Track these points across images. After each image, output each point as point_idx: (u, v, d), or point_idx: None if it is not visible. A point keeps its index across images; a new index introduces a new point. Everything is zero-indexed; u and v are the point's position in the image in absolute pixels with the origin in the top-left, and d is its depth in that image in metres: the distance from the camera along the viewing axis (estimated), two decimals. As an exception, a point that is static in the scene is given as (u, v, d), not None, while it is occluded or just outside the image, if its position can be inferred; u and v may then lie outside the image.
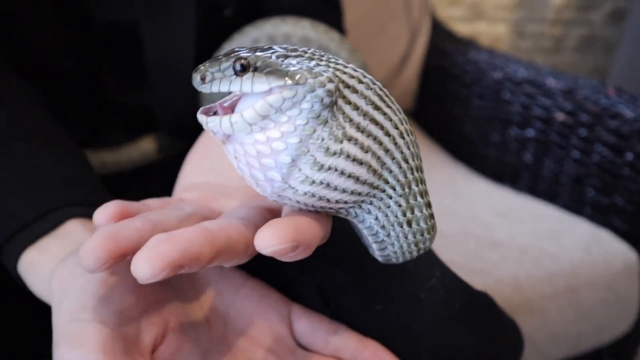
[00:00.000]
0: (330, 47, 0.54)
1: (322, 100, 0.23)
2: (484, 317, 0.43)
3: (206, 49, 0.58)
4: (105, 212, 0.26)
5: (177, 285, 0.31)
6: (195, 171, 0.38)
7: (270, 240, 0.22)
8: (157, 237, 0.22)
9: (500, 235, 0.81)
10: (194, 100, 0.59)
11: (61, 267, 0.28)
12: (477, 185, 1.01)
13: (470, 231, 0.82)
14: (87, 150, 0.60)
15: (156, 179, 0.50)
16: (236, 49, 0.25)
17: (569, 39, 1.97)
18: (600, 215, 0.87)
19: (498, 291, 0.71)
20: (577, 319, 0.75)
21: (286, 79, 0.23)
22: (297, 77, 0.22)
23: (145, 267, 0.21)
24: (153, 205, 0.30)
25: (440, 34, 1.34)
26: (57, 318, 0.26)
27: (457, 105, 1.18)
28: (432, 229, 0.29)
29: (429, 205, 0.28)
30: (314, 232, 0.25)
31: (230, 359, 0.30)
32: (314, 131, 0.23)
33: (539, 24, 1.91)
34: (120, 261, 0.23)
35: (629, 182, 0.82)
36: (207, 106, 0.25)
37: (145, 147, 0.65)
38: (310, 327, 0.33)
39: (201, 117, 0.24)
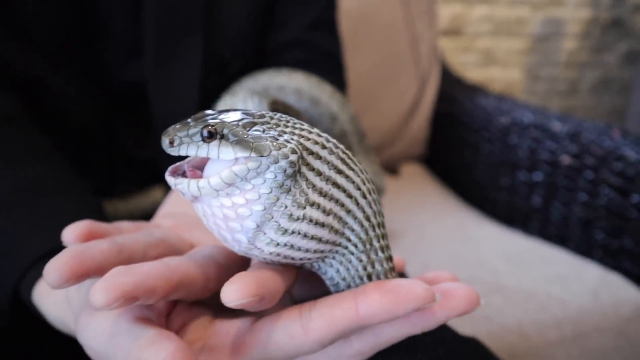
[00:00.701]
0: (321, 99, 0.57)
1: (285, 171, 0.24)
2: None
3: (209, 100, 0.62)
4: (74, 230, 0.28)
5: None
6: (177, 202, 0.41)
7: (236, 295, 0.24)
8: (116, 269, 0.24)
9: (507, 280, 0.80)
10: None
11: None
12: (487, 230, 1.01)
13: (477, 276, 0.82)
14: (102, 199, 0.65)
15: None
16: (206, 112, 0.27)
17: (584, 81, 1.98)
18: (610, 258, 0.86)
19: (502, 337, 0.70)
20: (588, 367, 0.73)
21: (251, 151, 0.24)
22: (262, 149, 0.24)
23: (101, 296, 0.23)
24: (126, 227, 0.32)
25: (449, 80, 1.37)
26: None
27: (467, 150, 1.20)
28: None
29: (389, 259, 0.29)
30: (277, 285, 0.26)
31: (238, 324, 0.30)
32: (278, 199, 0.24)
33: (553, 67, 1.93)
34: (83, 279, 0.25)
35: (637, 224, 0.81)
36: (176, 165, 0.27)
37: (155, 196, 0.69)
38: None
39: (169, 179, 0.26)
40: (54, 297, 0.38)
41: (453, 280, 0.30)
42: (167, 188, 0.68)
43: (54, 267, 0.24)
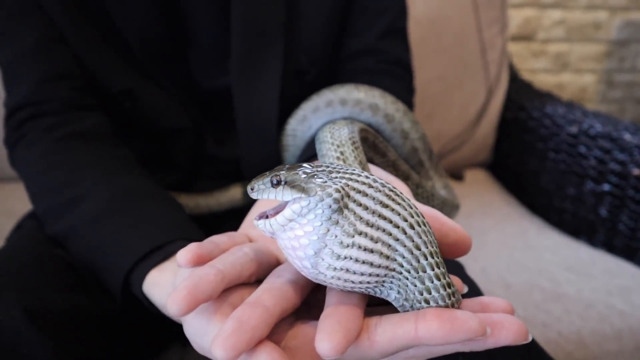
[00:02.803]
0: (395, 117, 0.61)
1: (330, 206, 0.30)
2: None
3: (287, 107, 0.68)
4: (186, 255, 0.35)
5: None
6: (262, 209, 0.47)
7: (332, 353, 0.28)
8: (230, 326, 0.29)
9: (567, 289, 0.81)
10: (276, 153, 0.68)
11: None
12: (550, 239, 1.02)
13: (537, 284, 0.83)
14: (184, 193, 0.72)
15: (241, 222, 0.59)
16: (280, 167, 0.34)
17: (663, 88, 1.89)
18: (678, 274, 0.85)
19: (560, 345, 0.72)
20: (648, 380, 0.73)
21: (302, 192, 0.31)
22: (309, 190, 0.31)
23: (221, 354, 0.28)
24: (221, 243, 0.38)
25: (518, 86, 1.36)
26: None
27: (534, 158, 1.20)
28: (452, 305, 0.32)
29: (447, 285, 0.32)
30: (358, 325, 0.31)
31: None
32: (328, 230, 0.30)
33: (631, 73, 1.87)
34: (196, 307, 0.32)
35: None
36: (262, 212, 0.34)
37: (234, 194, 0.75)
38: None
39: (255, 221, 0.33)
40: (162, 287, 0.46)
41: (507, 311, 0.33)
42: (245, 186, 0.74)
43: (174, 302, 0.31)
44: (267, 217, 0.33)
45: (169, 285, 0.46)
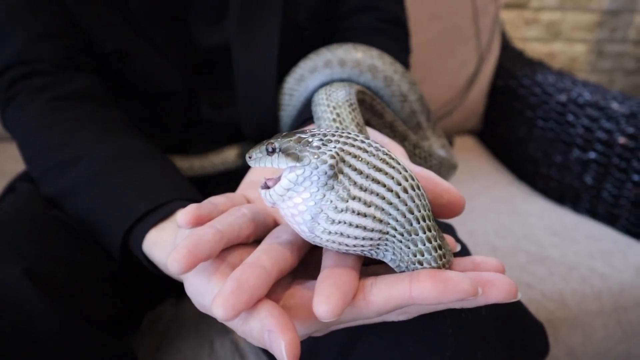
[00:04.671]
0: (394, 79, 0.61)
1: (325, 172, 0.31)
2: (509, 317, 0.47)
3: (285, 64, 0.67)
4: (185, 216, 0.36)
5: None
6: (261, 170, 0.48)
7: (329, 315, 0.29)
8: (230, 286, 0.30)
9: (551, 252, 0.84)
10: (275, 111, 0.68)
11: None
12: (535, 205, 1.04)
13: (522, 247, 0.86)
14: (178, 155, 0.72)
15: (236, 183, 0.60)
16: (277, 135, 0.34)
17: (653, 59, 1.91)
18: (658, 239, 0.87)
19: (542, 304, 0.74)
20: (624, 338, 0.76)
21: (297, 160, 0.32)
22: (304, 158, 0.31)
23: (220, 312, 0.29)
24: (220, 204, 0.39)
25: (510, 54, 1.37)
26: None
27: (523, 125, 1.21)
28: (444, 267, 0.33)
29: (438, 247, 0.33)
30: (354, 287, 0.32)
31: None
32: (324, 195, 0.31)
33: (621, 44, 1.87)
34: (196, 266, 0.32)
35: (688, 207, 0.82)
36: (265, 180, 0.34)
37: (228, 155, 0.75)
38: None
39: (259, 190, 0.34)
40: (162, 246, 0.47)
41: (498, 270, 0.34)
42: (241, 148, 0.75)
43: (175, 261, 0.32)
44: (268, 187, 0.34)
45: (169, 244, 0.46)
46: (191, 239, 0.33)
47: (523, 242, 0.87)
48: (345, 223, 0.31)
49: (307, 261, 0.38)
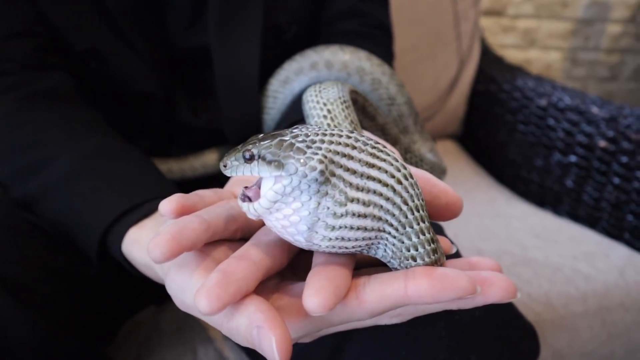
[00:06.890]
0: (382, 81, 0.60)
1: (316, 180, 0.28)
2: (502, 320, 0.46)
3: (268, 67, 0.66)
4: (169, 205, 0.33)
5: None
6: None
7: (319, 309, 0.27)
8: (215, 277, 0.28)
9: (535, 254, 0.84)
10: (258, 114, 0.66)
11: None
12: (517, 208, 1.04)
13: (506, 250, 0.85)
14: (156, 158, 0.69)
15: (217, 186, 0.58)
16: (253, 137, 0.31)
17: (625, 67, 1.95)
18: (638, 242, 0.88)
19: (529, 306, 0.74)
20: (609, 339, 0.77)
21: (281, 170, 0.28)
22: (290, 168, 0.28)
23: (205, 306, 0.27)
24: (208, 197, 0.37)
25: (489, 60, 1.38)
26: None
27: (503, 130, 1.22)
28: (436, 262, 0.32)
29: (431, 240, 0.31)
30: (346, 283, 0.30)
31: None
32: (319, 203, 0.28)
33: (594, 52, 1.91)
34: (179, 255, 0.30)
35: (668, 209, 0.83)
36: (243, 189, 0.32)
37: (208, 159, 0.73)
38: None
39: (239, 203, 0.31)
40: (142, 245, 0.44)
41: (495, 269, 0.32)
42: (220, 151, 0.73)
43: (157, 246, 0.29)
44: (249, 199, 0.31)
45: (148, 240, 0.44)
46: (176, 225, 0.30)
47: (507, 244, 0.87)
48: (346, 227, 0.29)
49: (296, 264, 0.36)
